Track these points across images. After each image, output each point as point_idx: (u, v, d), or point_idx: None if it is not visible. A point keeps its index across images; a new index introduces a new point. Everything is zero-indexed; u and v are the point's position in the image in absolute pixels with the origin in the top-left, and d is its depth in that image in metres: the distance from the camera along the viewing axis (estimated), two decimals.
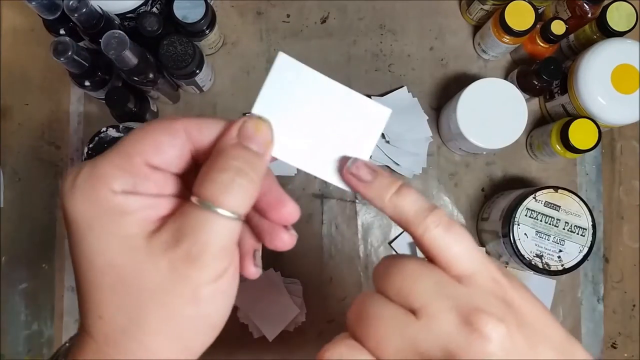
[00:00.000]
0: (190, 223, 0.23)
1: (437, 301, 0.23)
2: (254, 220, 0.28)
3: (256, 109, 0.26)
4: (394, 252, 0.68)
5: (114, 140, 0.57)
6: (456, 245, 0.25)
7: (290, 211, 0.27)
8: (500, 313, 0.23)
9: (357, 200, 0.69)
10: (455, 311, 0.23)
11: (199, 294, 0.23)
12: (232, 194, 0.23)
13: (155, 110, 0.67)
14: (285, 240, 0.27)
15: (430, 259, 0.25)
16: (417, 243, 0.26)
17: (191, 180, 0.25)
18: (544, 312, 0.25)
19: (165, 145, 0.25)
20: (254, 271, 0.27)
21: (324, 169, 0.27)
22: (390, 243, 0.68)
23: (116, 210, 0.23)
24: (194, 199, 0.23)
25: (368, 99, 0.27)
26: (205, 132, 0.25)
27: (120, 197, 0.23)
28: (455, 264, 0.24)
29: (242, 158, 0.24)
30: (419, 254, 0.26)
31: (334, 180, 0.28)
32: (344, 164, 0.27)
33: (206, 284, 0.23)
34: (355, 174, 0.27)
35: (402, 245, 0.67)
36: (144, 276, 0.23)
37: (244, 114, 0.26)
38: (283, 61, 0.26)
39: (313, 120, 0.27)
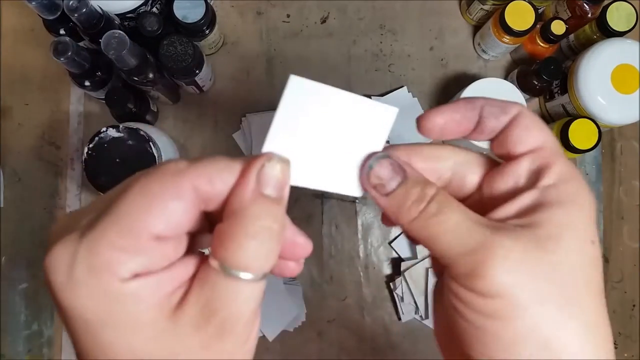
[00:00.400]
0: (220, 296, 0.21)
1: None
2: None
3: (269, 145, 0.23)
4: (394, 252, 0.68)
5: (114, 141, 0.57)
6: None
7: (303, 249, 0.25)
8: None
9: (357, 200, 0.69)
10: None
11: None
12: (261, 258, 0.21)
13: (155, 110, 0.67)
14: (292, 269, 0.25)
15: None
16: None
17: (198, 227, 0.23)
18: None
19: (174, 213, 0.21)
20: (293, 268, 0.26)
21: (341, 183, 0.25)
22: (390, 243, 0.68)
23: (131, 300, 0.20)
24: (215, 264, 0.21)
25: (373, 101, 0.26)
26: (217, 183, 0.22)
27: (133, 285, 0.20)
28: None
29: (265, 214, 0.21)
30: (419, 254, 0.25)
31: (355, 191, 0.25)
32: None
33: (240, 350, 0.22)
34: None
35: (402, 245, 0.67)
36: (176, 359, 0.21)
37: (243, 115, 0.24)
38: (295, 84, 0.23)
39: (326, 137, 0.25)
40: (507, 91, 0.61)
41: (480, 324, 0.21)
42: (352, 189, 0.25)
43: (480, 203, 0.24)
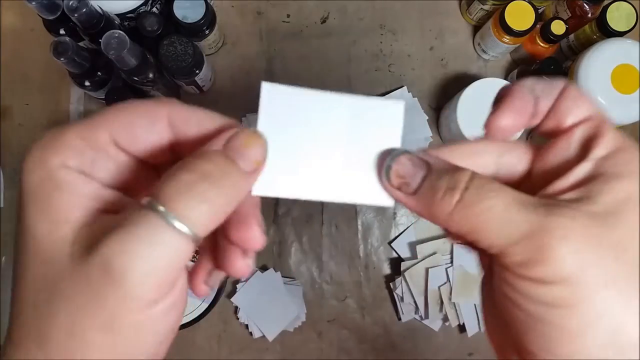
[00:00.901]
0: (128, 227, 0.18)
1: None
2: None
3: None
4: (394, 252, 0.68)
5: None
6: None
7: (252, 236, 0.21)
8: None
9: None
10: None
11: (113, 325, 0.18)
12: (193, 201, 0.18)
13: None
14: (237, 267, 0.22)
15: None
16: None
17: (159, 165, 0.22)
18: None
19: (141, 129, 0.21)
20: (203, 290, 0.23)
21: (368, 193, 0.23)
22: (390, 243, 0.68)
23: (58, 186, 0.19)
24: (144, 199, 0.18)
25: (376, 98, 0.23)
26: (192, 125, 0.21)
27: (70, 174, 0.20)
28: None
29: (219, 165, 0.19)
30: (419, 254, 0.23)
31: (367, 199, 0.23)
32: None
33: (127, 314, 0.18)
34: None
35: (402, 245, 0.67)
36: (60, 278, 0.18)
37: (243, 115, 0.23)
38: (269, 91, 0.22)
39: (322, 145, 0.23)
40: None
41: (541, 315, 0.19)
42: (381, 198, 0.23)
43: (532, 187, 0.21)
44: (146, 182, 0.22)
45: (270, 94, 0.22)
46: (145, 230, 0.17)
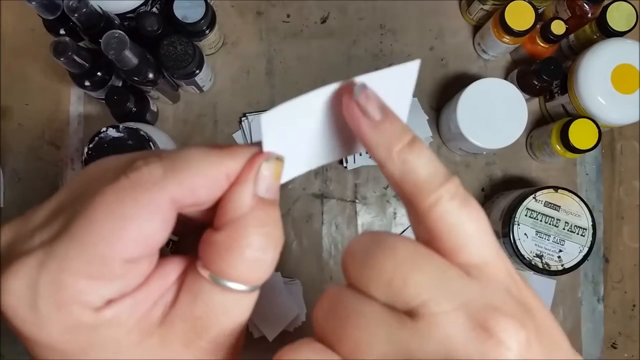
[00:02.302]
0: (214, 310, 0.19)
1: (442, 297, 0.18)
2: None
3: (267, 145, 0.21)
4: None
5: (114, 141, 0.57)
6: (471, 225, 0.19)
7: None
8: (519, 316, 0.18)
9: (357, 200, 0.69)
10: (465, 311, 0.17)
11: None
12: (263, 268, 0.19)
13: (156, 110, 0.67)
14: None
15: (430, 239, 0.20)
16: (418, 217, 0.20)
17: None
18: (554, 320, 0.20)
19: (150, 234, 0.19)
20: None
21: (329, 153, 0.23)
22: None
23: (108, 327, 0.18)
24: (207, 276, 0.19)
25: (388, 69, 0.22)
26: (201, 193, 0.19)
27: (108, 312, 0.18)
28: (466, 248, 0.19)
29: (268, 219, 0.20)
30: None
31: (341, 153, 0.23)
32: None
33: (231, 358, 0.21)
34: (362, 105, 0.21)
35: None
36: None
37: (243, 115, 0.22)
38: (267, 119, 0.21)
39: (325, 130, 0.23)
40: (507, 91, 0.61)
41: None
42: (337, 153, 0.24)
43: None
44: None
45: (269, 121, 0.21)
46: (232, 305, 0.19)
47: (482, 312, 0.18)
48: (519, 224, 0.58)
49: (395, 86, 0.23)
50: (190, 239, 0.22)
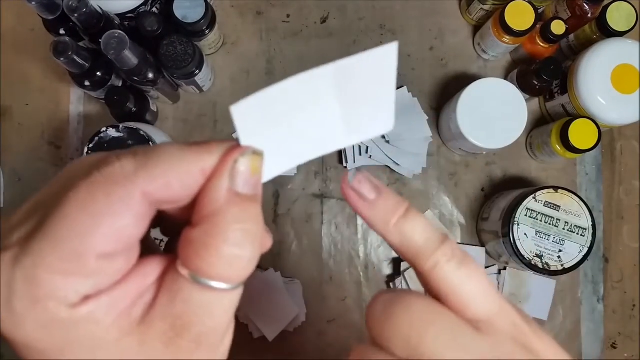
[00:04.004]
0: (194, 309, 0.19)
1: (455, 354, 0.20)
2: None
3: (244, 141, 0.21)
4: (394, 252, 0.68)
5: (114, 141, 0.57)
6: (471, 283, 0.21)
7: (267, 244, 0.23)
8: None
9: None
10: None
11: None
12: (242, 266, 0.19)
13: (155, 110, 0.67)
14: None
15: (439, 297, 0.22)
16: (423, 279, 0.23)
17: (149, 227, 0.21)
18: (562, 354, 0.22)
19: (123, 229, 0.18)
20: None
21: (327, 142, 0.23)
22: None
23: (86, 324, 0.18)
24: (187, 274, 0.19)
25: (365, 53, 0.22)
26: (175, 187, 0.19)
27: (84, 309, 0.18)
28: (471, 305, 0.21)
29: (244, 216, 0.19)
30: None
31: (331, 145, 0.24)
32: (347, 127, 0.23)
33: (214, 358, 0.20)
34: (356, 189, 0.23)
35: None
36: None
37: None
38: (239, 111, 0.21)
39: (310, 119, 0.22)
40: (507, 91, 0.61)
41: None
42: (334, 143, 0.24)
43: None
44: None
45: (241, 113, 0.20)
46: (214, 304, 0.19)
47: None
48: (518, 224, 0.58)
49: (375, 71, 0.22)
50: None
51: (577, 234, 0.58)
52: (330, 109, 0.22)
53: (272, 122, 0.21)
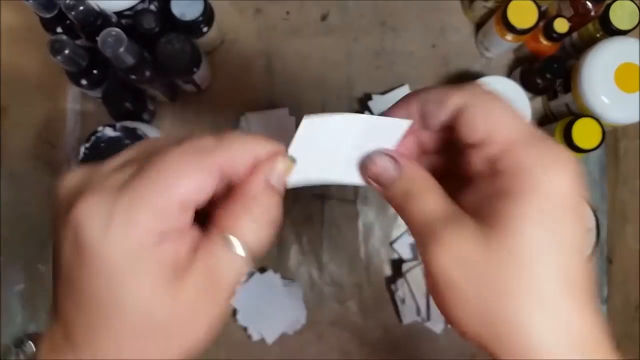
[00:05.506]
0: (222, 266, 0.24)
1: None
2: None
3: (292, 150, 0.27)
4: (395, 254, 0.67)
5: (111, 140, 0.56)
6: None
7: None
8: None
9: (357, 201, 0.68)
10: None
11: (213, 326, 0.24)
12: (259, 236, 0.25)
13: (153, 109, 0.67)
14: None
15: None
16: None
17: None
18: None
19: (202, 185, 0.24)
20: None
21: (343, 174, 0.29)
22: (391, 244, 0.67)
23: (155, 259, 0.22)
24: (220, 238, 0.24)
25: (388, 117, 0.28)
26: (239, 166, 0.25)
27: (161, 247, 0.22)
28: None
29: (271, 204, 0.25)
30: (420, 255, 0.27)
31: (353, 180, 0.29)
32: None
33: (224, 315, 0.25)
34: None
35: (404, 246, 0.67)
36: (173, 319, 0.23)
37: (242, 113, 0.25)
38: (308, 122, 0.26)
39: (337, 149, 0.28)
40: (510, 90, 0.60)
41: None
42: (349, 177, 0.29)
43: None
44: None
45: (307, 125, 0.26)
46: (233, 264, 0.24)
47: None
48: None
49: (383, 133, 0.28)
50: None
51: None
52: (352, 149, 0.28)
53: (320, 141, 0.27)
